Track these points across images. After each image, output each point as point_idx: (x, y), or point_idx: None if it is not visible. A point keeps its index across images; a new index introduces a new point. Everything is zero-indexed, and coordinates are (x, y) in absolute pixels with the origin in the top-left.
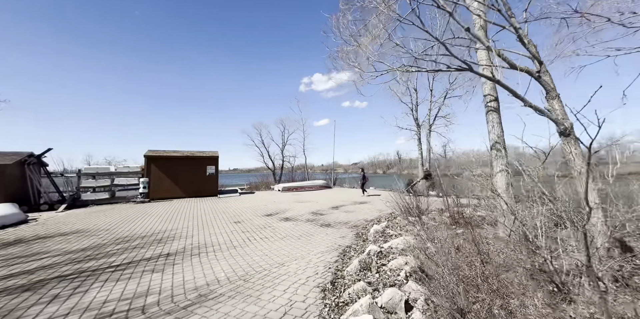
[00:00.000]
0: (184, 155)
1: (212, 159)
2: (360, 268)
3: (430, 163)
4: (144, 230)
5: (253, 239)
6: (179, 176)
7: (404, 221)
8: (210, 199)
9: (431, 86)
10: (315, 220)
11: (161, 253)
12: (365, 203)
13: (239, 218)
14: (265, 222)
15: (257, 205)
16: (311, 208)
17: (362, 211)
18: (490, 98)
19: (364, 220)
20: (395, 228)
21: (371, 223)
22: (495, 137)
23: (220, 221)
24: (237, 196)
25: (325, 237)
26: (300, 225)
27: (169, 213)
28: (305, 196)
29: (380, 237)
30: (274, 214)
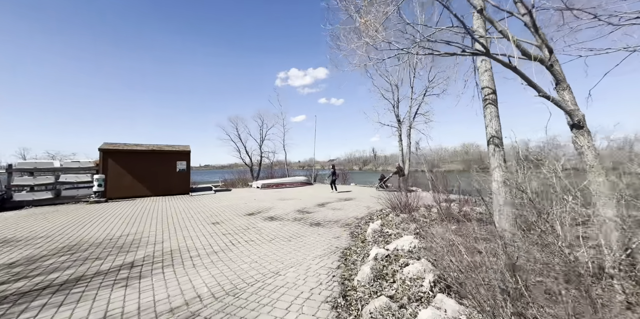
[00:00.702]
0: (150, 149)
1: (183, 154)
2: (373, 277)
3: (410, 160)
4: (99, 235)
5: (237, 242)
6: (143, 173)
7: (397, 218)
8: (182, 198)
9: (412, 83)
10: (303, 218)
11: (123, 264)
12: (351, 200)
13: (217, 219)
14: (248, 222)
15: (236, 204)
16: (296, 206)
17: (350, 209)
18: (489, 90)
19: (354, 217)
20: (391, 227)
21: (363, 221)
22: (493, 132)
23: (196, 222)
24: (212, 194)
25: (318, 238)
26: (287, 224)
27: (131, 214)
28: (287, 194)
29: (380, 237)
30: (257, 213)
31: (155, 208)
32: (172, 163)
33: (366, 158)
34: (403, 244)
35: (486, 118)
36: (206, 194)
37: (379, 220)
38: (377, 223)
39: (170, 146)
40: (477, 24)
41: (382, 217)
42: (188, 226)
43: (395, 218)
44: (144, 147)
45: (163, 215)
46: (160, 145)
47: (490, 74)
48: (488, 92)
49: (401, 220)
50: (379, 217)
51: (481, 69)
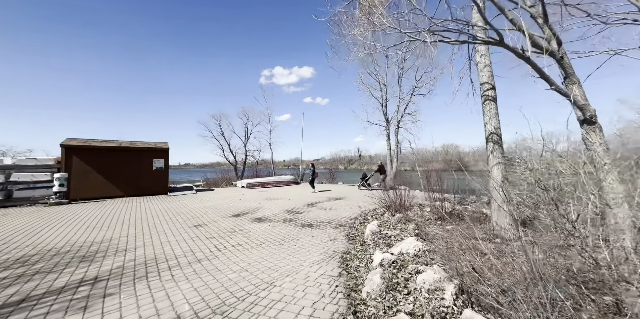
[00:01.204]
0: (123, 146)
1: (160, 151)
2: (385, 288)
3: (397, 159)
4: (56, 243)
5: (223, 248)
6: (115, 172)
7: (392, 218)
8: (159, 198)
9: (400, 82)
10: (294, 219)
11: (84, 279)
12: (341, 199)
13: (199, 221)
14: (234, 224)
15: (220, 204)
16: (285, 206)
17: (341, 208)
18: (488, 86)
19: (347, 218)
20: (389, 228)
21: (357, 222)
22: (492, 129)
23: (175, 225)
24: (193, 194)
25: (312, 241)
26: (277, 226)
27: (99, 217)
28: (274, 193)
29: (380, 239)
30: (243, 214)
31: (128, 209)
32: (148, 161)
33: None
34: (407, 248)
35: (485, 115)
36: (186, 194)
37: (375, 220)
38: (374, 223)
39: (146, 142)
40: (476, 17)
41: (377, 217)
42: (166, 230)
43: (391, 219)
44: (116, 143)
45: (137, 218)
46: (134, 141)
47: (489, 70)
48: (487, 88)
49: (397, 220)
50: (373, 217)
51: (480, 65)
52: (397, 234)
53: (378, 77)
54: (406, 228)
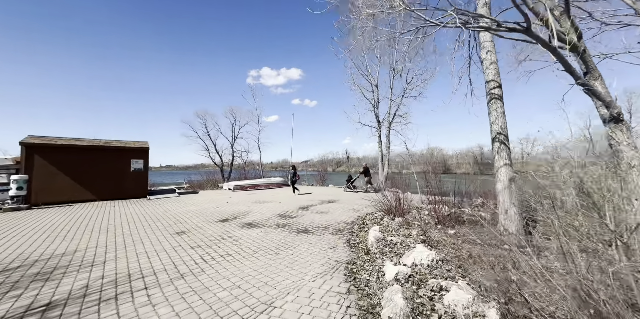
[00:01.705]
0: (96, 146)
1: (139, 151)
2: (410, 312)
3: (389, 161)
4: (3, 257)
5: (210, 259)
6: (86, 173)
7: (393, 222)
8: (137, 202)
9: (391, 84)
10: (287, 224)
11: (32, 304)
12: (334, 202)
13: (182, 227)
14: (222, 231)
15: (205, 208)
16: (276, 210)
17: (336, 212)
18: (494, 84)
19: (344, 222)
20: (391, 233)
21: (356, 227)
22: (499, 128)
23: (154, 232)
24: (176, 197)
25: (311, 249)
26: (270, 232)
27: (64, 224)
28: (263, 196)
29: (386, 247)
30: (232, 219)
31: (100, 215)
32: (126, 161)
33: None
34: (420, 258)
35: (491, 115)
36: (168, 197)
37: (375, 225)
38: (376, 229)
39: (124, 142)
40: (482, 11)
41: (377, 222)
42: (144, 239)
43: (392, 223)
44: (87, 142)
45: (110, 224)
46: (110, 140)
47: (496, 67)
48: (493, 86)
49: (398, 225)
50: (372, 222)
51: (486, 62)
52: (403, 241)
53: (370, 79)
54: (410, 234)
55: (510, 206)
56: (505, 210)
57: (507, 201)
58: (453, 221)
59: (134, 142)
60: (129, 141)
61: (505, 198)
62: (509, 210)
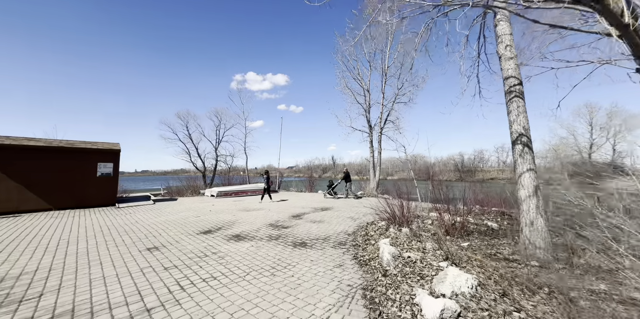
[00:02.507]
0: (55, 146)
1: (108, 154)
2: None
3: (380, 166)
4: None
5: (188, 285)
6: (40, 178)
7: (400, 233)
8: (104, 211)
9: (383, 89)
10: (281, 236)
11: None
12: (328, 210)
13: (155, 241)
14: (204, 245)
15: (184, 217)
16: (266, 219)
17: (333, 221)
18: (515, 81)
19: (344, 233)
20: (402, 246)
21: (360, 238)
22: (520, 129)
23: (119, 248)
24: (151, 205)
25: (314, 268)
26: (262, 246)
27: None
28: (250, 203)
29: (406, 267)
30: (216, 230)
31: (52, 228)
32: (92, 165)
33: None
34: (459, 284)
35: (511, 114)
36: (141, 205)
37: (382, 237)
38: (386, 242)
39: (90, 143)
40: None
41: (382, 233)
42: (104, 258)
43: (400, 234)
44: (44, 142)
45: (62, 240)
46: (72, 141)
47: (516, 63)
48: (513, 83)
49: (407, 237)
50: (377, 233)
51: (505, 57)
52: (421, 257)
53: (362, 83)
54: (424, 248)
55: (536, 217)
56: (530, 221)
57: (532, 211)
58: (461, 232)
59: (103, 143)
60: (97, 142)
61: (531, 208)
62: (535, 221)
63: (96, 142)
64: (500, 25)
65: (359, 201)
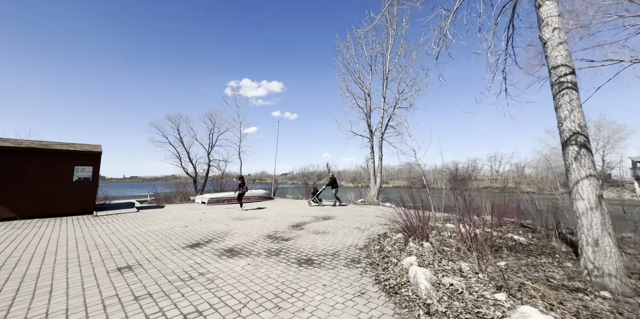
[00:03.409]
0: (24, 148)
1: (87, 156)
2: None
3: (382, 173)
4: None
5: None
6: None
7: (423, 249)
8: (79, 220)
9: (384, 93)
10: (282, 250)
11: None
12: (330, 219)
13: (130, 258)
14: (190, 263)
15: (170, 227)
16: (263, 229)
17: (339, 232)
18: (565, 70)
19: (355, 247)
20: (432, 266)
21: (376, 254)
22: (575, 127)
23: (83, 268)
24: (133, 213)
25: (329, 297)
26: (262, 264)
27: None
28: (245, 211)
29: (453, 299)
30: (205, 243)
31: (5, 241)
32: (67, 168)
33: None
34: None
35: (561, 109)
36: (122, 213)
37: (404, 254)
38: (412, 261)
39: (66, 144)
40: None
41: (401, 248)
42: (58, 282)
43: (423, 250)
44: (12, 143)
45: (12, 258)
46: (46, 141)
47: (566, 48)
48: (564, 73)
49: (431, 253)
50: (396, 248)
51: (552, 43)
52: (467, 285)
53: (362, 86)
54: (460, 270)
55: (602, 235)
56: (593, 239)
57: (596, 227)
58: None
59: (82, 144)
60: (75, 143)
61: (594, 223)
62: (601, 241)
63: (74, 143)
64: (545, 6)
65: (361, 209)
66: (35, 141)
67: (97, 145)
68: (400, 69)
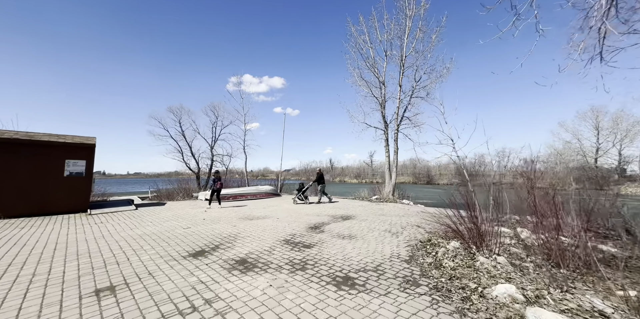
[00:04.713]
0: (6, 139)
1: (80, 149)
2: None
3: (397, 168)
4: None
5: None
6: None
7: (494, 262)
8: (69, 219)
9: (400, 81)
10: (308, 262)
11: None
12: (350, 219)
13: (116, 274)
14: (193, 282)
15: (170, 229)
16: (277, 231)
17: (368, 236)
18: None
19: (397, 258)
20: (547, 302)
21: (436, 271)
22: None
23: (48, 291)
24: (131, 211)
25: None
26: (287, 285)
27: None
28: (253, 209)
29: None
30: (211, 249)
31: None
32: (57, 162)
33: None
34: None
35: None
36: (120, 211)
37: (485, 275)
38: (510, 291)
39: (55, 135)
40: None
41: (467, 263)
42: (7, 313)
43: (503, 268)
44: None
45: None
46: (33, 132)
47: None
48: None
49: (524, 275)
50: (461, 263)
51: None
52: None
53: (377, 74)
54: (596, 310)
55: None
56: None
57: None
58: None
59: (73, 136)
60: (66, 135)
61: None
62: None
63: (65, 135)
64: None
65: (379, 207)
66: (20, 132)
67: (90, 137)
68: (418, 55)
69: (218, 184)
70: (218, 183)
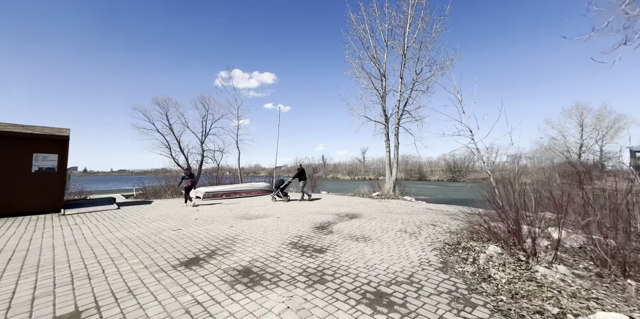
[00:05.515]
0: None
1: (49, 141)
2: None
3: (397, 163)
4: None
5: None
6: None
7: (558, 274)
8: (39, 221)
9: (401, 73)
10: (325, 273)
11: None
12: (357, 217)
13: (84, 295)
14: (186, 304)
15: (156, 231)
16: (281, 232)
17: (384, 238)
18: None
19: (428, 265)
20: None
21: (489, 286)
22: None
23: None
24: (113, 211)
25: None
26: (308, 306)
27: None
28: (249, 208)
29: None
30: (207, 256)
31: None
32: (24, 156)
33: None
34: None
35: None
36: (99, 211)
37: (564, 294)
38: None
39: (21, 126)
40: None
41: (524, 275)
42: None
43: (561, 277)
44: None
45: None
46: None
47: None
48: None
49: (573, 284)
50: (509, 272)
51: None
52: None
53: (378, 65)
54: None
55: None
56: None
57: None
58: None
59: (43, 127)
60: (35, 126)
61: None
62: None
63: (33, 125)
64: None
65: (383, 204)
66: None
67: (63, 129)
68: (420, 46)
69: (189, 181)
70: (189, 181)
